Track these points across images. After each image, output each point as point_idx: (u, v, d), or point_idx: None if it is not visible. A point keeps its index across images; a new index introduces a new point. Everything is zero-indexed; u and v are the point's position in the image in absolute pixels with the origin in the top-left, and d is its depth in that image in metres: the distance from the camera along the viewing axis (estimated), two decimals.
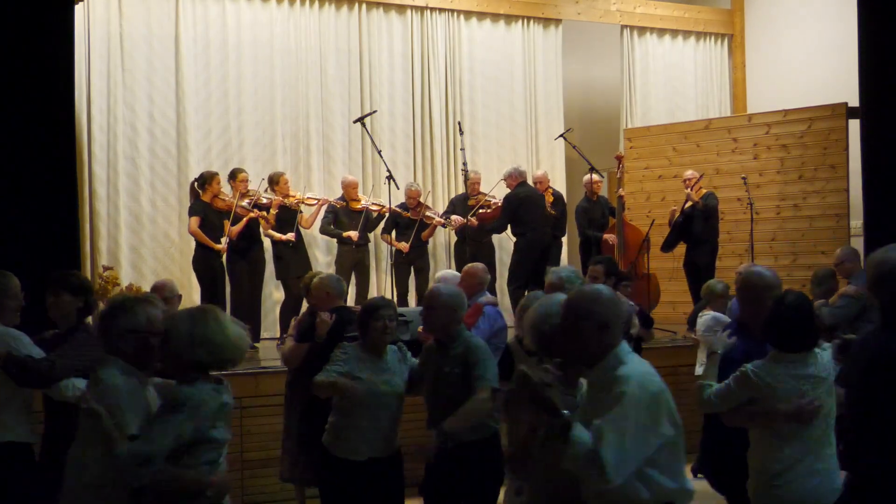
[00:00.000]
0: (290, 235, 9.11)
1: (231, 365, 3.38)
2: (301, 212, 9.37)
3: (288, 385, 5.96)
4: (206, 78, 10.01)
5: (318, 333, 5.49)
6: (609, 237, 10.00)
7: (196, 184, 8.81)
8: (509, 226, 9.66)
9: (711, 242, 9.65)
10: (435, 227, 10.05)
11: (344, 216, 9.56)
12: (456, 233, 10.07)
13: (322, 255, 10.30)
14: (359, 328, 4.68)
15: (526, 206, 9.27)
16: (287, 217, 9.18)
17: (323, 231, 9.67)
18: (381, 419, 4.57)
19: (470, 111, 11.18)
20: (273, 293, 9.71)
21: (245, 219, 8.75)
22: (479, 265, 7.10)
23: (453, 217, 9.84)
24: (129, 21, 9.68)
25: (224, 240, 8.66)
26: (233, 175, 9.05)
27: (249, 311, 8.70)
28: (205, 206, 8.67)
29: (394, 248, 9.73)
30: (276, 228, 9.09)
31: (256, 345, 8.39)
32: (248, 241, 8.86)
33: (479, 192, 10.06)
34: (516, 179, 9.46)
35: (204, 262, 8.61)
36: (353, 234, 9.41)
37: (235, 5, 10.13)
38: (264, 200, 9.06)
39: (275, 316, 9.55)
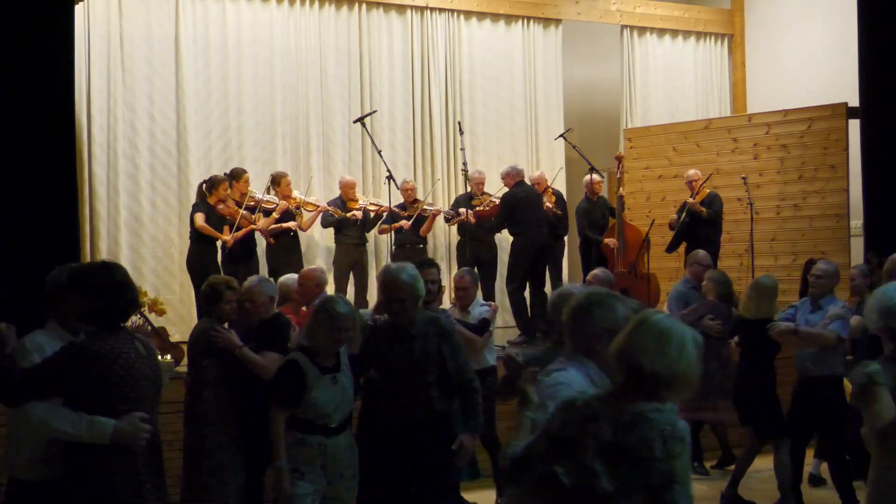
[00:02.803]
0: (292, 224, 9.13)
1: None
2: (300, 214, 9.37)
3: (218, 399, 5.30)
4: (206, 78, 10.01)
5: (293, 343, 5.35)
6: (610, 241, 9.99)
7: (205, 185, 8.82)
8: (504, 225, 9.64)
9: (715, 244, 9.65)
10: (433, 219, 10.02)
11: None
12: (458, 232, 10.05)
13: (322, 256, 10.31)
14: None
15: (523, 205, 9.24)
16: (286, 219, 9.20)
17: (324, 224, 9.65)
18: None
19: (470, 111, 11.18)
20: None
21: (245, 229, 8.77)
22: (317, 268, 7.10)
23: (461, 210, 9.79)
24: (129, 21, 9.68)
25: (226, 240, 8.68)
26: (236, 176, 9.04)
27: None
28: (207, 207, 8.69)
29: (392, 249, 9.70)
30: (275, 231, 9.09)
31: None
32: (246, 248, 8.87)
33: (484, 193, 10.05)
34: (514, 178, 9.43)
35: (200, 262, 8.59)
36: (357, 213, 9.44)
37: (235, 5, 10.13)
38: (268, 206, 9.06)
39: None
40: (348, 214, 9.44)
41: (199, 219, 8.59)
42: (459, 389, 4.68)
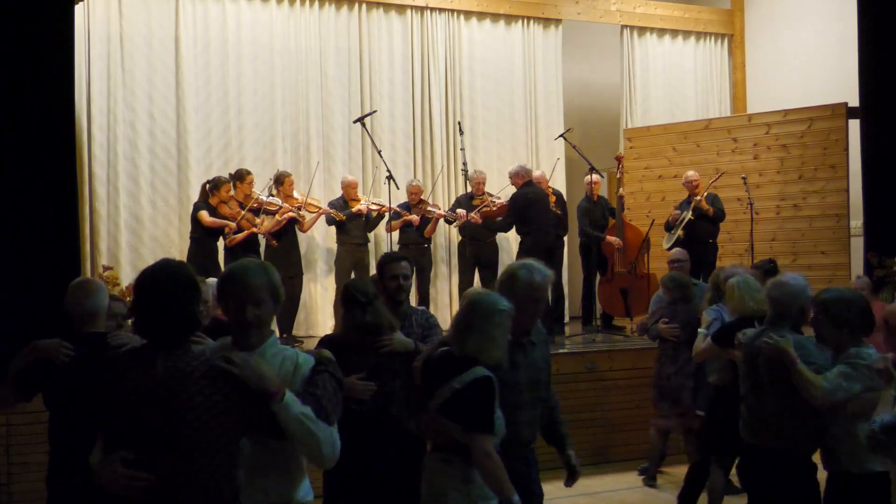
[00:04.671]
0: (289, 214, 9.12)
1: None
2: (303, 216, 9.38)
3: None
4: (206, 78, 10.02)
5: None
6: (613, 240, 9.99)
7: (208, 185, 8.83)
8: (513, 225, 9.63)
9: (713, 243, 9.67)
10: (437, 221, 10.03)
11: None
12: (459, 232, 10.05)
13: (322, 256, 10.31)
14: None
15: (533, 205, 9.24)
16: (292, 224, 9.23)
17: (330, 222, 9.66)
18: None
19: (470, 111, 11.18)
20: None
21: (247, 231, 8.77)
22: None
23: (459, 210, 9.80)
24: (129, 21, 9.68)
25: (231, 226, 8.67)
26: (240, 177, 9.05)
27: None
28: (210, 208, 8.70)
29: (397, 247, 9.71)
30: (275, 231, 9.10)
31: None
32: (249, 250, 8.86)
33: (485, 192, 10.05)
34: (523, 178, 9.41)
35: (201, 263, 8.57)
36: (363, 208, 9.48)
37: (235, 5, 10.13)
38: (272, 207, 9.06)
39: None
40: (354, 210, 9.46)
41: (206, 216, 8.60)
42: (550, 400, 4.24)
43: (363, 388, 4.45)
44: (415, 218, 9.69)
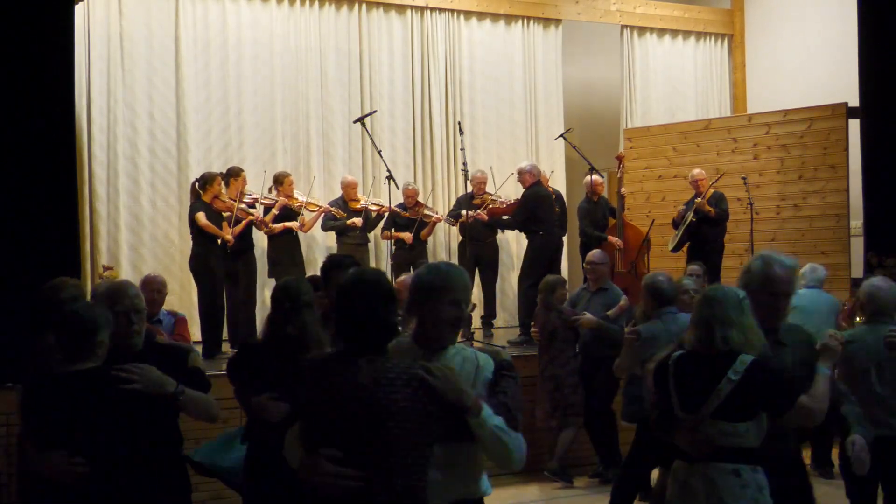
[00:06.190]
0: (295, 224, 9.11)
1: None
2: (302, 214, 9.37)
3: None
4: (206, 78, 10.02)
5: None
6: (615, 241, 9.98)
7: (197, 184, 8.81)
8: (521, 223, 9.62)
9: (719, 244, 9.63)
10: (434, 225, 10.05)
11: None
12: (459, 232, 10.05)
13: (322, 255, 10.29)
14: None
15: (543, 204, 9.26)
16: (288, 217, 9.21)
17: (325, 228, 9.67)
18: None
19: (470, 111, 11.18)
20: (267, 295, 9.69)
21: (244, 221, 8.76)
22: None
23: (462, 212, 9.79)
24: (129, 21, 9.69)
25: (227, 239, 8.64)
26: (233, 174, 9.03)
27: (245, 310, 8.73)
28: (205, 206, 8.67)
29: (393, 248, 9.72)
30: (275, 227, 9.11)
31: None
32: (245, 242, 8.86)
33: (486, 192, 10.04)
34: (534, 177, 9.37)
35: (202, 262, 8.57)
36: (357, 221, 9.44)
37: (235, 5, 10.14)
38: (267, 201, 9.08)
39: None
40: (348, 222, 9.45)
41: (202, 217, 8.55)
42: None
43: (274, 408, 3.83)
44: (408, 235, 9.67)
